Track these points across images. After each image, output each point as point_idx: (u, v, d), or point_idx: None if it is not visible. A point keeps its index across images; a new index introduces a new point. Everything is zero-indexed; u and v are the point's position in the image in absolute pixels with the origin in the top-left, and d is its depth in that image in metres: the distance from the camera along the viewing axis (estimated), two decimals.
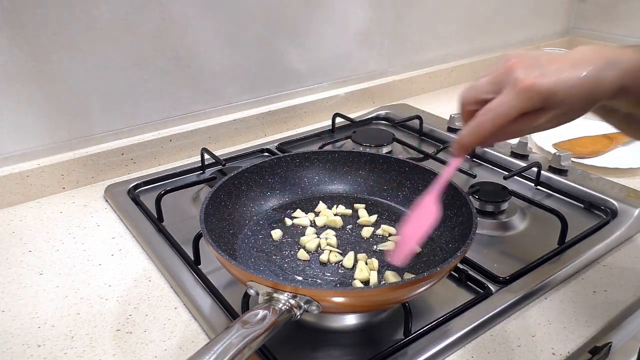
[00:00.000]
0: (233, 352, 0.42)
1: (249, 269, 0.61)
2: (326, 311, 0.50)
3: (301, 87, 1.12)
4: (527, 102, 0.46)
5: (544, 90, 0.46)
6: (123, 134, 0.92)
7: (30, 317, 0.61)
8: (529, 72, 0.46)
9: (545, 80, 0.46)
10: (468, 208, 0.61)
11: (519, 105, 0.47)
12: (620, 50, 0.48)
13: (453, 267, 0.57)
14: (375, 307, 0.57)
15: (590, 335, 0.58)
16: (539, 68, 0.47)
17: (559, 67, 0.47)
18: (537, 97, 0.46)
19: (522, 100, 0.46)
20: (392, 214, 0.72)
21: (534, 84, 0.46)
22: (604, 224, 0.76)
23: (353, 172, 0.77)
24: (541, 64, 0.47)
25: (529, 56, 0.48)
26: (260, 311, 0.47)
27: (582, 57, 0.48)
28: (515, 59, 0.48)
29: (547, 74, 0.46)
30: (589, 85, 0.46)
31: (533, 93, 0.46)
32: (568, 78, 0.46)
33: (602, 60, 0.47)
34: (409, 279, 0.50)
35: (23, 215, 0.81)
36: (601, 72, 0.47)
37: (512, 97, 0.47)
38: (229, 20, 0.96)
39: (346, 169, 0.77)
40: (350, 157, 0.77)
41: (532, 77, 0.46)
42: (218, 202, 0.66)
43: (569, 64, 0.47)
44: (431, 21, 1.29)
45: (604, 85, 0.47)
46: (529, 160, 0.93)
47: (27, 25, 0.78)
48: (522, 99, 0.46)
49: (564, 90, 0.46)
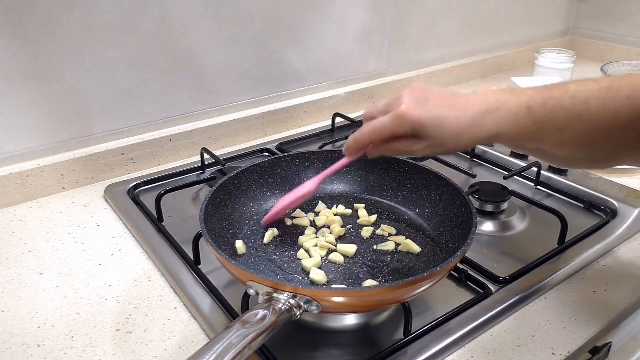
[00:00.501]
0: (233, 352, 0.42)
1: (249, 269, 0.61)
2: (326, 311, 0.50)
3: (301, 87, 1.12)
4: (398, 127, 0.52)
5: (412, 120, 0.51)
6: (123, 134, 0.92)
7: (30, 317, 0.61)
8: (411, 102, 0.52)
9: (417, 112, 0.51)
10: (468, 208, 0.61)
11: (390, 127, 0.53)
12: (508, 95, 0.52)
13: (453, 267, 0.57)
14: (376, 307, 0.57)
15: (590, 335, 0.58)
16: (422, 101, 0.52)
17: (438, 104, 0.52)
18: (406, 124, 0.52)
19: (394, 124, 0.52)
20: (392, 214, 0.72)
21: (405, 113, 0.51)
22: (604, 224, 0.76)
23: (353, 172, 0.77)
24: (427, 98, 0.53)
25: (424, 89, 0.54)
26: (260, 311, 0.47)
27: (468, 100, 0.52)
28: (410, 89, 0.54)
29: (424, 107, 0.52)
30: (462, 127, 0.51)
31: (403, 120, 0.52)
32: (439, 116, 0.51)
33: (483, 106, 0.51)
34: (410, 279, 0.50)
35: (23, 215, 0.81)
36: (477, 118, 0.51)
37: (387, 120, 0.53)
38: (229, 20, 0.96)
39: (346, 169, 0.77)
40: None
41: (409, 107, 0.51)
42: (218, 202, 0.66)
43: (449, 105, 0.52)
44: (431, 21, 1.29)
45: (477, 130, 0.51)
46: (529, 160, 0.93)
47: (27, 25, 0.78)
48: (394, 123, 0.52)
49: (432, 125, 0.51)
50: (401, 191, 0.74)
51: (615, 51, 1.56)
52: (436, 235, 0.66)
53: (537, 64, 1.33)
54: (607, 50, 1.58)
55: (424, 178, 0.71)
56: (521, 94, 0.51)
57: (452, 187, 0.65)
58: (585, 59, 1.59)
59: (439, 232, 0.66)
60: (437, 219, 0.68)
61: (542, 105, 0.50)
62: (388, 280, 0.60)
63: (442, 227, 0.66)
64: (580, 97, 0.49)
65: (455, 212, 0.64)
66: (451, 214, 0.65)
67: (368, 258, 0.64)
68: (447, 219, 0.66)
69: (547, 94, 0.51)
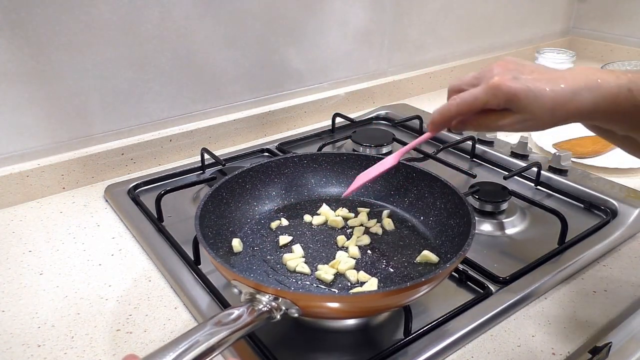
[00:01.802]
0: (197, 350, 0.41)
1: (235, 267, 0.61)
2: (308, 315, 0.50)
3: (301, 87, 1.12)
4: (491, 98, 0.50)
5: (508, 92, 0.49)
6: (123, 134, 0.92)
7: (30, 317, 0.61)
8: (504, 74, 0.50)
9: (513, 84, 0.49)
10: (469, 218, 0.60)
11: (483, 99, 0.50)
12: (607, 74, 0.50)
13: (445, 277, 0.56)
14: (364, 314, 0.56)
15: (590, 335, 0.58)
16: (517, 73, 0.50)
17: (534, 78, 0.50)
18: (501, 95, 0.49)
19: (487, 95, 0.50)
20: (396, 220, 0.71)
21: (501, 83, 0.49)
22: (604, 224, 0.76)
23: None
24: (521, 70, 0.50)
25: (516, 62, 0.52)
26: (236, 311, 0.47)
27: (564, 75, 0.50)
28: (502, 62, 0.52)
29: (519, 79, 0.49)
30: (559, 101, 0.49)
31: (498, 91, 0.49)
32: (536, 88, 0.49)
33: (582, 82, 0.49)
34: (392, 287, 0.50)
35: (23, 215, 0.81)
36: (576, 93, 0.49)
37: (480, 91, 0.51)
38: (229, 20, 0.96)
39: (354, 172, 0.74)
40: (358, 160, 0.75)
41: (503, 78, 0.49)
42: (219, 199, 0.66)
43: (546, 78, 0.50)
44: (431, 21, 1.29)
45: (575, 105, 0.49)
46: (529, 160, 0.93)
47: (27, 25, 0.78)
48: (488, 94, 0.50)
49: (528, 97, 0.49)
50: (407, 197, 0.73)
51: (615, 51, 1.56)
52: (437, 245, 0.66)
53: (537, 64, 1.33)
54: (607, 50, 1.58)
55: (430, 185, 0.70)
56: (621, 75, 0.49)
57: (456, 196, 0.64)
58: (585, 59, 1.59)
59: (440, 242, 0.66)
60: (439, 228, 0.67)
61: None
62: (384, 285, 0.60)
63: (444, 236, 0.66)
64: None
65: (457, 222, 0.64)
66: (454, 223, 0.64)
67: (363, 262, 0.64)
68: (449, 228, 0.65)
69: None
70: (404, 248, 0.66)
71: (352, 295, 0.54)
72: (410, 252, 0.65)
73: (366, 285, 0.59)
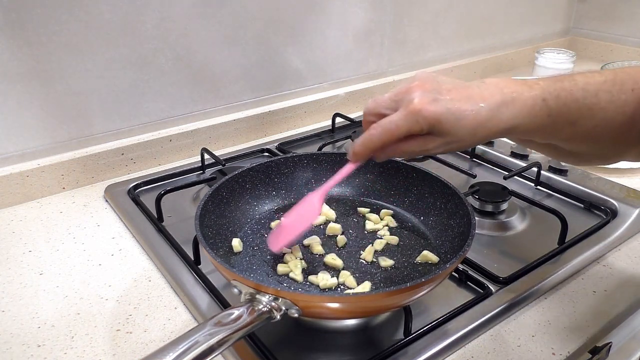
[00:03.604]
0: (197, 351, 0.41)
1: (235, 267, 0.61)
2: (308, 315, 0.50)
3: (301, 87, 1.12)
4: (413, 125, 0.48)
5: (430, 117, 0.47)
6: (123, 134, 0.92)
7: (30, 317, 0.61)
8: (424, 97, 0.48)
9: (434, 108, 0.47)
10: (468, 219, 0.60)
11: (406, 126, 0.48)
12: (521, 86, 0.49)
13: (445, 277, 0.56)
14: (364, 314, 0.56)
15: (590, 335, 0.58)
16: (435, 93, 0.48)
17: (453, 98, 0.48)
18: (423, 121, 0.48)
19: (409, 122, 0.48)
20: (396, 219, 0.71)
21: (422, 109, 0.47)
22: (604, 224, 0.76)
23: (361, 175, 0.76)
24: (439, 90, 0.48)
25: (433, 79, 0.50)
26: (236, 311, 0.46)
27: (481, 93, 0.49)
28: (419, 81, 0.49)
29: (439, 101, 0.48)
30: (480, 121, 0.48)
31: (420, 117, 0.47)
32: (457, 110, 0.47)
33: (499, 98, 0.48)
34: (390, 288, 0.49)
35: (23, 215, 0.81)
36: (494, 111, 0.48)
37: (401, 117, 0.48)
38: (229, 20, 0.96)
39: (354, 172, 0.75)
40: None
41: (423, 102, 0.47)
42: (219, 199, 0.66)
43: (465, 96, 0.48)
44: (431, 21, 1.29)
45: (494, 123, 0.48)
46: (529, 160, 0.93)
47: (27, 25, 0.78)
48: (410, 121, 0.48)
49: (449, 121, 0.47)
50: (408, 197, 0.73)
51: (615, 51, 1.56)
52: (437, 244, 0.66)
53: (537, 64, 1.33)
54: (607, 50, 1.58)
55: (431, 185, 0.69)
56: (534, 84, 0.49)
57: (456, 197, 0.64)
58: (585, 59, 1.59)
59: (440, 242, 0.66)
60: (439, 228, 0.67)
61: (556, 98, 0.48)
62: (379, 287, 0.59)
63: (444, 236, 0.65)
64: (590, 90, 0.48)
65: (457, 222, 0.63)
66: (454, 223, 0.64)
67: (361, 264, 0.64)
68: (449, 228, 0.65)
69: (559, 86, 0.49)
70: (404, 248, 0.66)
71: (352, 295, 0.54)
72: (410, 252, 0.65)
73: (359, 288, 0.59)
